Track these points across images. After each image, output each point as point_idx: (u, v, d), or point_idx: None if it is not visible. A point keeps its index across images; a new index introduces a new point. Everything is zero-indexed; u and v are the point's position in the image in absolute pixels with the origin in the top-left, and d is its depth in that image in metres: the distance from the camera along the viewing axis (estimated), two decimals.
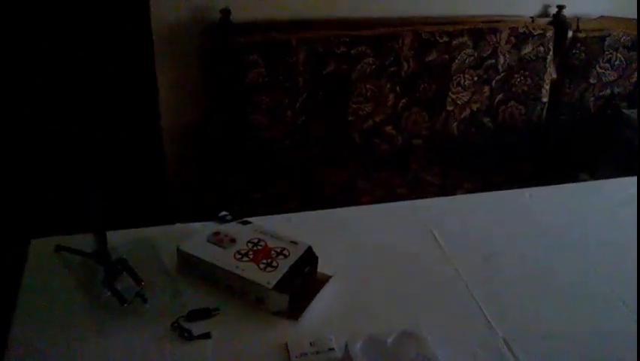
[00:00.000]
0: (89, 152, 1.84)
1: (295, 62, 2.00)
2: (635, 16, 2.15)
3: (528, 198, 1.43)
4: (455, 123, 2.23)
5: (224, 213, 1.23)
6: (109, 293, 1.01)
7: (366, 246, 1.24)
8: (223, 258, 1.09)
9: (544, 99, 2.29)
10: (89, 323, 0.99)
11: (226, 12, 1.93)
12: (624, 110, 2.26)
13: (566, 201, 1.43)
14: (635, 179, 1.56)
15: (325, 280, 1.10)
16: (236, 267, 1.06)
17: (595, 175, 2.07)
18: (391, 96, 2.14)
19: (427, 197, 1.55)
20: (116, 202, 1.79)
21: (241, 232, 1.16)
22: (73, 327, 0.99)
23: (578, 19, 2.27)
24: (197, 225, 1.23)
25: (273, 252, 1.11)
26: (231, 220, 1.20)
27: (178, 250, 1.12)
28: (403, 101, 2.15)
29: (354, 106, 2.10)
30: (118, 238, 1.15)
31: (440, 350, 0.93)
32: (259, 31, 2.00)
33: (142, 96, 1.83)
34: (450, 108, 2.21)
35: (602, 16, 2.31)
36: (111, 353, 0.95)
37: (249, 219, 1.22)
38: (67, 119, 1.81)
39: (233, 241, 1.13)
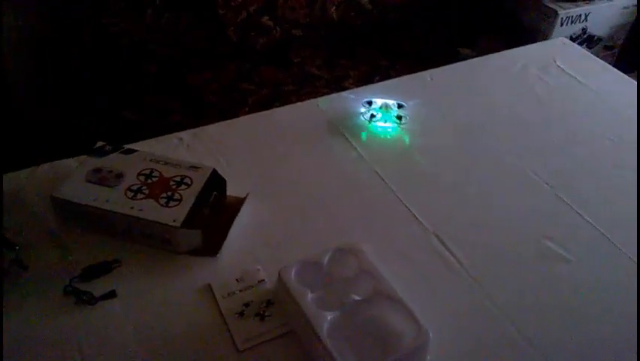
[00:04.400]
0: None
1: None
2: None
3: (430, 80, 1.36)
4: (334, 8, 2.08)
5: (100, 143, 1.01)
6: None
7: (275, 157, 1.11)
8: (112, 199, 0.90)
9: None
10: None
11: None
12: None
13: (466, 79, 1.39)
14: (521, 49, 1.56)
15: (239, 203, 0.97)
16: (131, 207, 0.89)
17: (476, 49, 2.06)
18: None
19: (316, 91, 1.43)
20: None
21: (127, 163, 0.97)
22: None
23: None
24: (68, 162, 1.01)
25: (171, 182, 0.94)
26: (112, 151, 1.00)
27: (52, 197, 0.91)
28: None
29: None
30: None
31: (378, 260, 0.86)
32: None
33: None
34: None
35: None
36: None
37: (132, 146, 1.03)
38: None
39: (119, 176, 0.94)
